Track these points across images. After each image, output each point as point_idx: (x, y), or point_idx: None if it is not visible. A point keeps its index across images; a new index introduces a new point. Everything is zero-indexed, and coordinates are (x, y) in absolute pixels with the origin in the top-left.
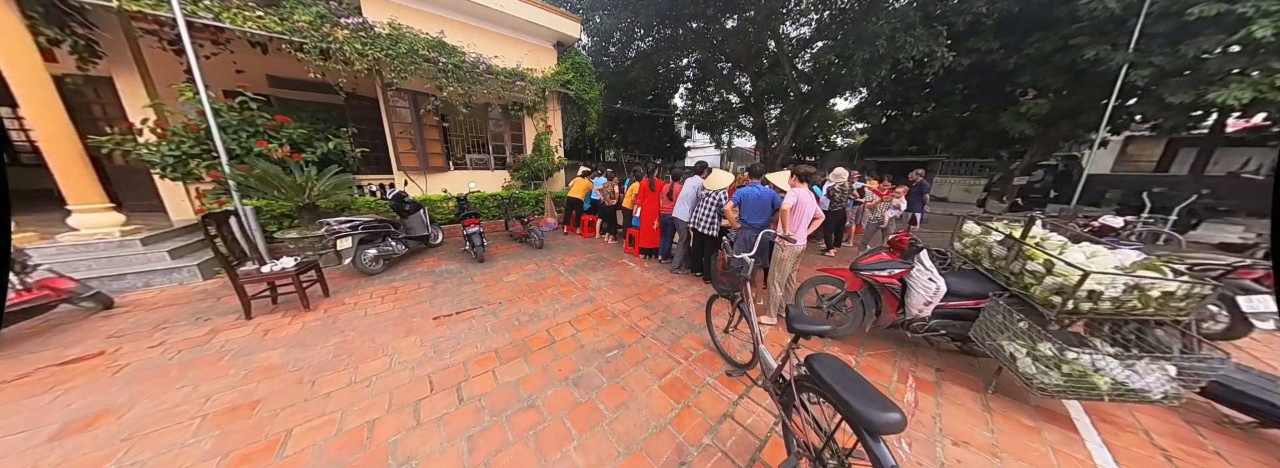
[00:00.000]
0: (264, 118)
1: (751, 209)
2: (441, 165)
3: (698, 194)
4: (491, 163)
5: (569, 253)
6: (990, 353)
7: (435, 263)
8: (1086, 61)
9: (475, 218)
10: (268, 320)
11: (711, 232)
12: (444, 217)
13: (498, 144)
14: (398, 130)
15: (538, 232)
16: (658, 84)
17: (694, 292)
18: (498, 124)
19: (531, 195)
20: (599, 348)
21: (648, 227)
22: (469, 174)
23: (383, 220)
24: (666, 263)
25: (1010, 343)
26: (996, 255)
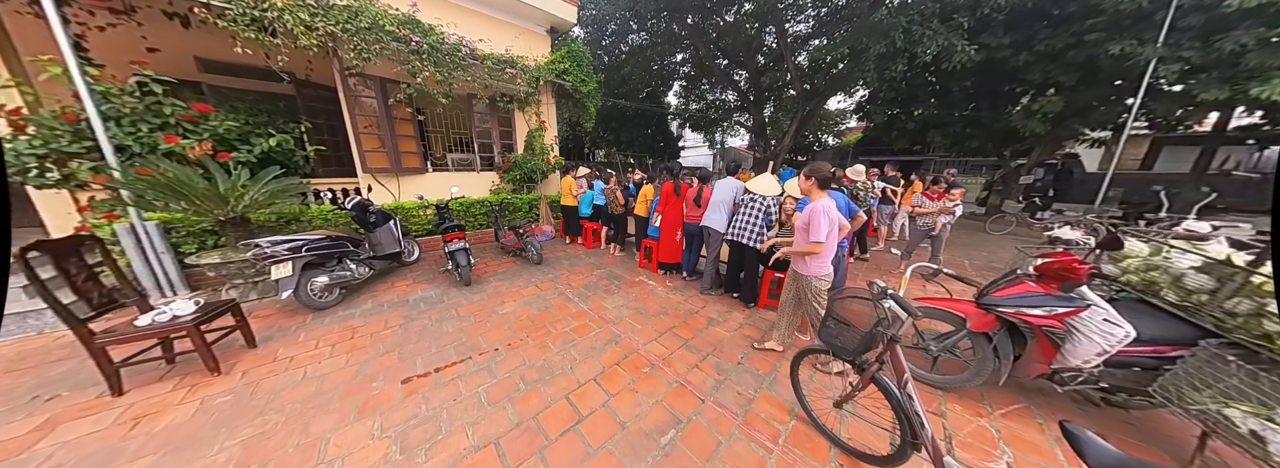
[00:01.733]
0: (176, 106)
1: None
2: (417, 166)
3: (736, 199)
4: (477, 163)
5: (574, 269)
6: (1192, 417)
7: (409, 288)
8: (1111, 57)
9: (459, 231)
10: (148, 397)
11: (755, 242)
12: (421, 228)
13: (485, 142)
14: (362, 125)
15: (535, 244)
16: (651, 81)
17: (738, 320)
18: (484, 119)
19: (525, 200)
20: (647, 428)
21: (669, 238)
22: (450, 177)
23: (338, 238)
24: (691, 281)
25: (1233, 407)
26: (1194, 286)
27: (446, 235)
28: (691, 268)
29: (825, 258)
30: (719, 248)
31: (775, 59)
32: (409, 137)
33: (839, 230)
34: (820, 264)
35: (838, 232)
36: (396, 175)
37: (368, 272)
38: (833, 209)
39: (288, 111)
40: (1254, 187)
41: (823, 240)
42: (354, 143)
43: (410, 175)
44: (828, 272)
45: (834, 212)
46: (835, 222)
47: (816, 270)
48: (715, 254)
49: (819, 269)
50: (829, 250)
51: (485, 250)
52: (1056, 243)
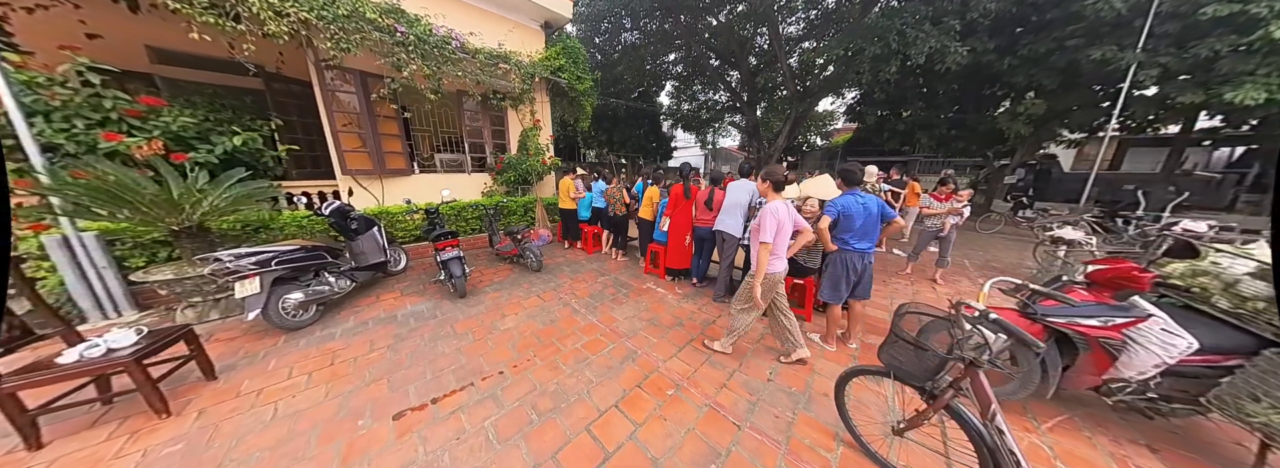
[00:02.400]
0: (119, 99)
1: (857, 226)
2: (402, 168)
3: (752, 202)
4: (468, 164)
5: (577, 276)
6: (1253, 428)
7: (397, 302)
8: (1093, 62)
9: (453, 239)
10: (75, 449)
11: None
12: (408, 234)
13: (476, 142)
14: (341, 122)
15: (534, 250)
16: (644, 80)
17: (758, 331)
18: (475, 117)
19: (520, 203)
20: (683, 463)
21: (678, 243)
22: (440, 179)
23: (315, 248)
24: (702, 287)
25: None
26: (1250, 293)
27: (438, 243)
28: (702, 274)
29: (777, 257)
30: (733, 254)
31: (768, 60)
32: (393, 136)
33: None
34: (771, 263)
35: (792, 233)
36: (380, 177)
37: (349, 285)
38: (781, 211)
39: (256, 108)
40: (1213, 185)
41: (768, 241)
42: (332, 142)
43: (395, 177)
44: (777, 269)
45: (781, 213)
46: (782, 223)
47: (767, 268)
48: (729, 260)
49: (768, 267)
50: (778, 249)
51: (478, 257)
52: (1059, 243)
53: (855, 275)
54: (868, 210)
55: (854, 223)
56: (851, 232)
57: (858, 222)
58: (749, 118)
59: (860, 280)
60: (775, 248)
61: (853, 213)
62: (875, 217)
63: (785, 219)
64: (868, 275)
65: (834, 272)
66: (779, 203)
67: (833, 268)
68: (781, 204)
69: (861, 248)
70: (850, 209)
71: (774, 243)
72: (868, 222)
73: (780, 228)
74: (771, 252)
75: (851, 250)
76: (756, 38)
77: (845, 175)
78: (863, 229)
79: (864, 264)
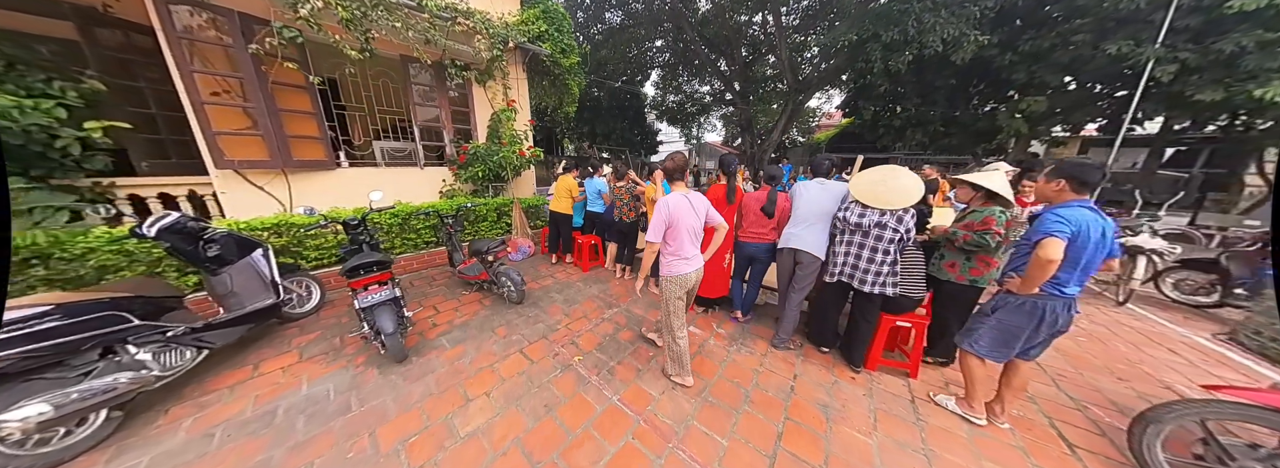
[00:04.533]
0: None
1: (1084, 258)
2: (321, 159)
3: (845, 216)
4: (420, 155)
5: (574, 309)
6: None
7: (288, 372)
8: (1108, 57)
9: (382, 273)
10: None
11: (881, 287)
12: (327, 256)
13: (431, 126)
14: (210, 90)
15: (512, 276)
16: (629, 68)
17: (861, 402)
18: (429, 94)
19: (490, 206)
20: None
21: (715, 263)
22: (379, 175)
23: (113, 302)
24: (748, 323)
25: None
26: None
27: (355, 282)
28: (749, 306)
29: (680, 258)
30: (811, 283)
31: (765, 49)
32: (305, 114)
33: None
34: (667, 264)
35: (689, 233)
36: (283, 172)
37: (193, 358)
38: (673, 205)
39: (64, 63)
40: (1181, 184)
41: (654, 240)
42: (194, 118)
43: (309, 173)
44: (674, 272)
45: (667, 209)
46: (673, 219)
47: (666, 269)
48: (803, 290)
49: (666, 268)
50: (679, 250)
51: (435, 282)
52: (1138, 253)
53: (1047, 331)
54: (1104, 235)
55: (1082, 252)
56: (1072, 265)
57: (1088, 251)
58: (742, 111)
59: (1050, 338)
60: (675, 249)
61: (1086, 235)
62: (1107, 245)
63: (681, 213)
64: (1066, 316)
65: (1012, 321)
66: (676, 195)
67: (1011, 316)
68: (679, 197)
69: (1072, 293)
70: (1085, 229)
71: (672, 243)
72: (1098, 251)
73: (673, 223)
74: (674, 252)
75: (1059, 296)
76: (751, 27)
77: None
78: (1088, 263)
79: (1069, 316)
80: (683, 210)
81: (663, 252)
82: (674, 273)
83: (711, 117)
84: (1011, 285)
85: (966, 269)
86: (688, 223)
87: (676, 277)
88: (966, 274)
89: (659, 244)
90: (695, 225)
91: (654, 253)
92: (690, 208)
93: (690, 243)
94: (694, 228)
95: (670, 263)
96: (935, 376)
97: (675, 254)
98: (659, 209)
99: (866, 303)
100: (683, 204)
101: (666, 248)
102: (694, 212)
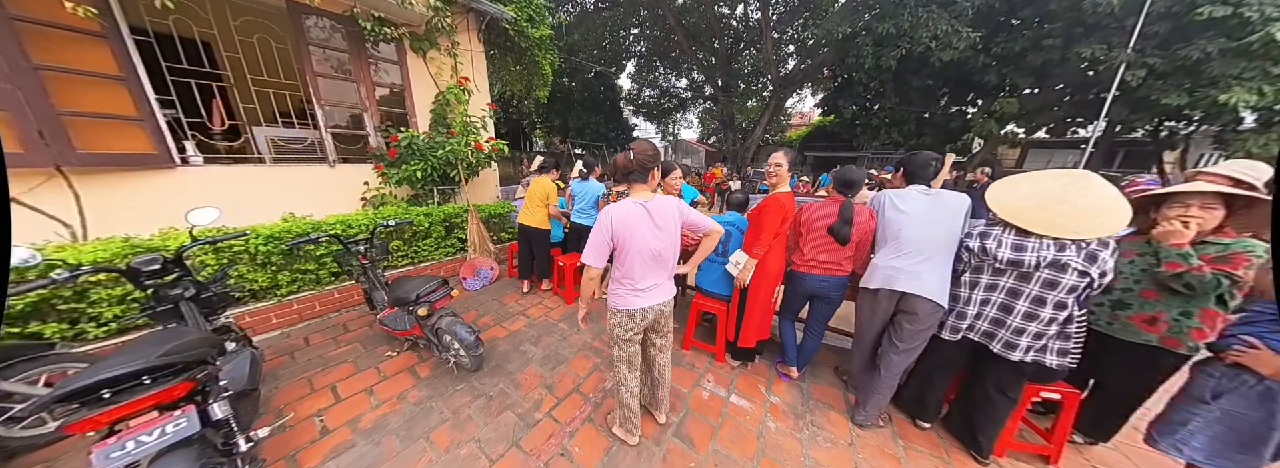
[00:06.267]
0: None
1: None
2: (143, 151)
3: (985, 246)
4: (328, 148)
5: (560, 375)
6: None
7: None
8: (1082, 60)
9: (166, 390)
10: None
11: (1041, 354)
12: (131, 309)
13: (347, 108)
14: None
15: (462, 337)
16: (603, 58)
17: None
18: (338, 64)
19: (435, 216)
20: None
21: (762, 299)
22: (263, 174)
23: None
24: (806, 382)
25: None
26: None
27: (88, 421)
28: (807, 358)
29: (617, 282)
30: (925, 342)
31: (749, 41)
32: (105, 79)
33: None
34: (613, 292)
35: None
36: (58, 172)
37: None
38: (618, 219)
39: None
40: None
41: (590, 263)
42: None
43: (120, 173)
44: (622, 305)
45: (610, 224)
46: (606, 239)
47: (612, 299)
48: (912, 353)
49: (613, 298)
50: (627, 276)
51: (345, 335)
52: None
53: None
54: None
55: None
56: None
57: None
58: (724, 106)
59: None
60: (624, 274)
61: None
62: None
63: (631, 231)
64: None
65: (1254, 415)
66: (626, 204)
67: (1253, 407)
68: (630, 206)
69: None
70: None
71: (620, 268)
72: None
73: (619, 245)
74: (622, 279)
75: None
76: (731, 21)
77: None
78: None
79: None
80: (633, 227)
81: (610, 275)
82: (621, 306)
83: (688, 113)
84: (1252, 360)
85: (1183, 329)
86: (643, 244)
87: (624, 311)
88: (1182, 336)
89: (597, 269)
90: (658, 247)
91: (593, 282)
92: (648, 223)
93: (648, 269)
94: (655, 251)
95: (617, 292)
96: (1079, 460)
97: (623, 282)
98: (599, 223)
99: (1008, 371)
100: (635, 218)
101: (615, 273)
102: (655, 228)
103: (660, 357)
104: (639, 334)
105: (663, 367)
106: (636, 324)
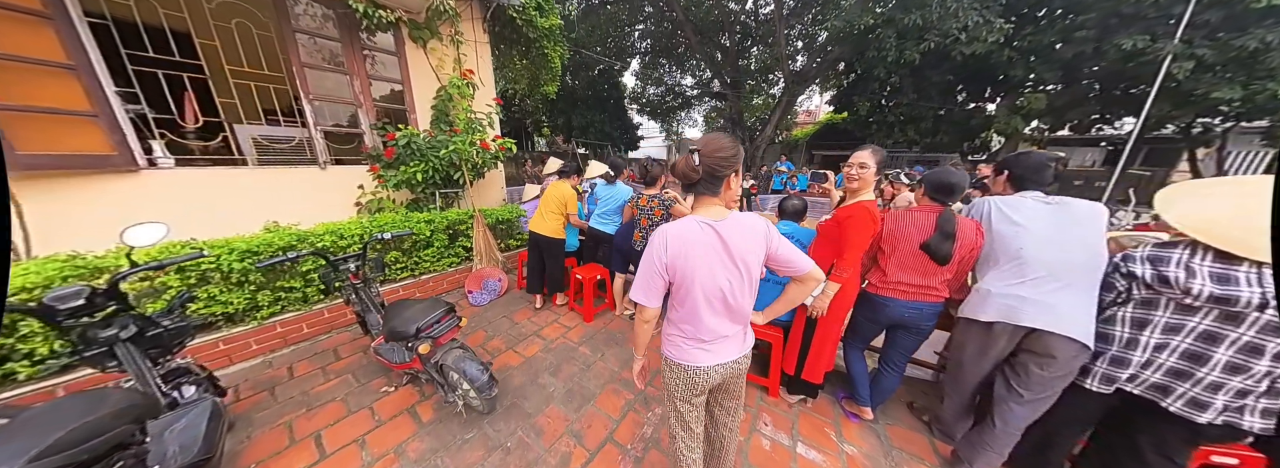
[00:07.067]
0: None
1: None
2: (100, 152)
3: (1165, 273)
4: (319, 148)
5: (587, 419)
6: None
7: None
8: (1122, 53)
9: None
10: None
11: (1240, 414)
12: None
13: (340, 104)
14: None
15: (470, 375)
16: (607, 55)
17: None
18: (330, 55)
19: (439, 224)
20: None
21: (832, 325)
22: (244, 177)
23: None
24: (878, 424)
25: None
26: None
27: None
28: (883, 396)
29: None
30: (1062, 386)
31: (751, 42)
32: (52, 67)
33: None
34: (671, 340)
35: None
36: None
37: None
38: (673, 245)
39: None
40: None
41: (643, 302)
42: None
43: (74, 177)
44: (681, 359)
45: (664, 252)
46: (660, 270)
47: (668, 348)
48: (1041, 404)
49: (669, 347)
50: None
51: (335, 364)
52: None
53: None
54: None
55: None
56: None
57: None
58: (733, 103)
59: None
60: (682, 317)
61: None
62: None
63: (695, 262)
64: None
65: None
66: (686, 224)
67: None
68: (691, 227)
69: None
70: None
71: (679, 309)
72: None
73: (679, 280)
74: (681, 325)
75: None
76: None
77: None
78: None
79: None
80: (698, 256)
81: (666, 319)
82: (680, 359)
83: (693, 111)
84: None
85: None
86: (709, 281)
87: (684, 367)
88: None
89: (652, 309)
90: (730, 287)
91: (648, 327)
92: (718, 252)
93: (715, 315)
94: (726, 291)
95: (675, 342)
96: None
97: (681, 328)
98: (651, 247)
99: (1178, 432)
100: (700, 245)
101: (672, 315)
102: (727, 260)
103: (729, 420)
104: (702, 396)
105: (731, 431)
106: (700, 385)
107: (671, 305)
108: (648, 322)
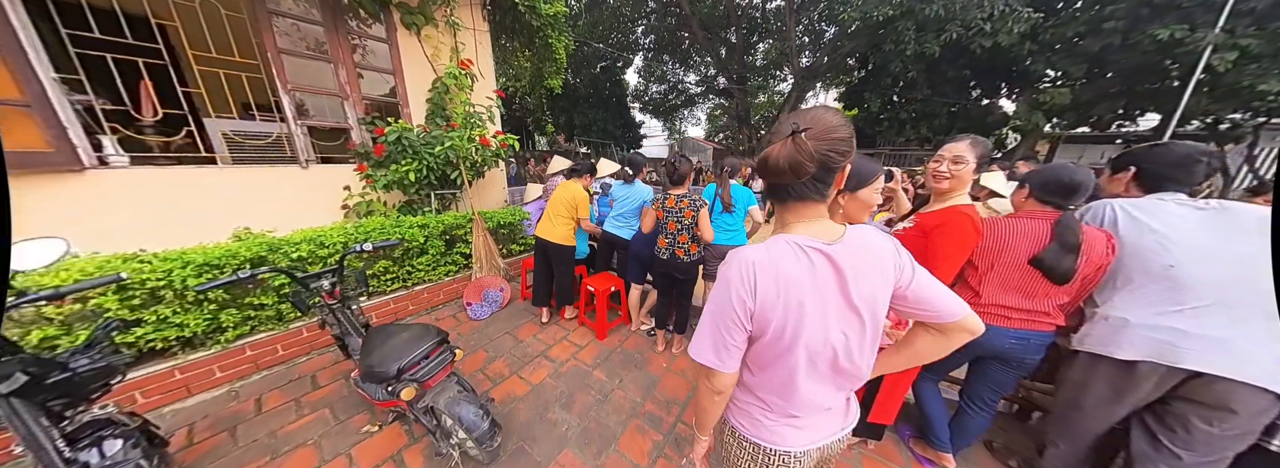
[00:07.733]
0: None
1: None
2: (40, 148)
3: None
4: (300, 144)
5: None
6: None
7: None
8: (1157, 44)
9: None
10: None
11: None
12: None
13: (325, 95)
14: None
15: (467, 421)
16: (609, 52)
17: None
18: (313, 40)
19: (434, 228)
20: None
21: None
22: (214, 176)
23: None
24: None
25: None
26: None
27: None
28: (966, 441)
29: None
30: (1241, 447)
31: (757, 37)
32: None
33: None
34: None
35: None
36: None
37: None
38: (762, 280)
39: None
40: None
41: (711, 364)
42: None
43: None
44: (757, 437)
45: (735, 283)
46: (743, 312)
47: (738, 420)
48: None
49: (741, 420)
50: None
51: (312, 394)
52: None
53: None
54: None
55: None
56: None
57: None
58: (738, 101)
59: None
60: (760, 383)
61: None
62: None
63: (804, 294)
64: None
65: None
66: (777, 247)
67: None
68: (783, 250)
69: None
70: None
71: (759, 373)
72: None
73: (774, 324)
74: (759, 391)
75: None
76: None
77: None
78: None
79: None
80: (804, 293)
81: (740, 384)
82: (756, 437)
83: (696, 109)
84: None
85: None
86: (817, 332)
87: (761, 448)
88: None
89: (727, 376)
90: (846, 339)
91: (721, 398)
92: (833, 288)
93: (820, 379)
94: (837, 348)
95: (750, 412)
96: None
97: (762, 395)
98: (726, 279)
99: None
100: (806, 280)
101: (748, 378)
102: (844, 300)
103: None
104: None
105: None
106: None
107: (749, 366)
108: (720, 392)
